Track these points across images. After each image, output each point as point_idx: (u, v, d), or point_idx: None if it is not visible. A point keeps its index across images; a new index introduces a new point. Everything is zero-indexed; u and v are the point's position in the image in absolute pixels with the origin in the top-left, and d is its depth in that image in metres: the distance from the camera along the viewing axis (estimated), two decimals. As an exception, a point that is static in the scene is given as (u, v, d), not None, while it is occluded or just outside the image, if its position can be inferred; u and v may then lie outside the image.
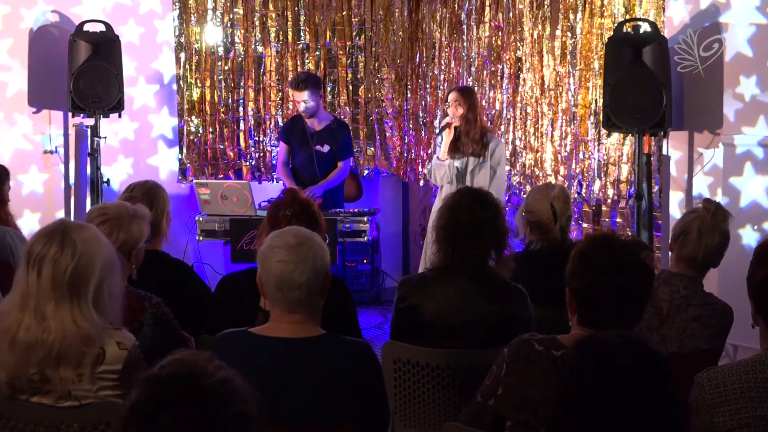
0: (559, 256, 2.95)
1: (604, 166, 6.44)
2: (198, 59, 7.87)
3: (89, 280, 2.60)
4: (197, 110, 7.90)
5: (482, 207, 3.56)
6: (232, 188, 6.59)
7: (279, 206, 3.67)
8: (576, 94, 6.61)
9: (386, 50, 7.97)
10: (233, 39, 7.92)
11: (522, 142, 7.07)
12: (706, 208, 3.62)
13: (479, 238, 3.50)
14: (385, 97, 8.01)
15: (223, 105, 7.93)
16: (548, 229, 4.21)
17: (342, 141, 6.90)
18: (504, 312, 3.47)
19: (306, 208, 3.65)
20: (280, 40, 7.95)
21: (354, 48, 8.00)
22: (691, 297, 3.55)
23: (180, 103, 7.85)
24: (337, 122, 7.03)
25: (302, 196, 3.74)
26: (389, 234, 8.16)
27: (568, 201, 4.29)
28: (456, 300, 3.48)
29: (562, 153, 6.73)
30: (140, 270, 3.42)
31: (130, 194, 4.01)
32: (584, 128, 6.57)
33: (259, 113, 7.97)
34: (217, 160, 7.96)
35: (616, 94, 5.83)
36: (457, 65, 7.59)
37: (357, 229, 6.68)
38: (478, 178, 6.11)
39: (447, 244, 3.54)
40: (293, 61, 7.95)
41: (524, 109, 7.03)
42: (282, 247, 2.70)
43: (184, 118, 7.86)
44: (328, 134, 6.88)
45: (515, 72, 7.10)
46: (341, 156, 6.89)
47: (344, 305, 3.53)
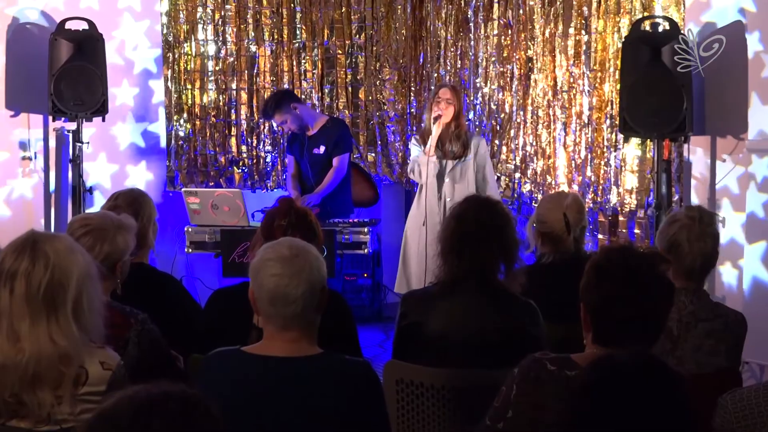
0: (573, 269, 2.94)
1: (621, 173, 6.45)
2: (187, 59, 7.89)
3: (66, 293, 2.59)
4: (186, 114, 7.91)
5: (490, 216, 3.56)
6: (223, 197, 6.59)
7: (273, 216, 3.67)
8: (590, 96, 6.61)
9: (388, 50, 7.99)
10: (225, 38, 7.93)
11: (533, 148, 7.08)
12: (690, 216, 3.61)
13: (487, 250, 3.50)
14: (386, 99, 8.02)
15: (214, 108, 7.95)
16: (561, 240, 4.21)
17: (336, 137, 6.90)
18: (514, 329, 3.46)
19: (302, 218, 3.66)
20: (275, 39, 7.96)
21: (354, 47, 8.01)
22: (699, 311, 3.54)
23: (168, 106, 7.86)
24: (332, 120, 7.06)
25: (298, 205, 3.75)
26: (391, 246, 8.15)
27: (582, 211, 4.30)
28: (462, 316, 3.47)
29: (576, 159, 6.74)
30: (125, 284, 3.42)
31: (115, 203, 4.02)
32: (599, 133, 6.58)
33: (253, 117, 7.98)
34: (207, 166, 7.96)
35: (634, 96, 5.84)
36: (463, 65, 7.60)
37: (357, 241, 6.68)
38: (462, 179, 6.15)
39: (452, 256, 3.54)
40: (289, 61, 7.96)
41: (535, 112, 7.04)
42: (275, 259, 2.70)
43: (172, 122, 7.87)
44: (322, 135, 6.91)
45: (525, 73, 7.11)
46: (335, 152, 6.89)
47: (343, 322, 3.53)
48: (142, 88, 7.64)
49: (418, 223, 6.29)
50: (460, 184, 6.20)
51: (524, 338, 3.45)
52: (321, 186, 6.84)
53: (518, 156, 7.16)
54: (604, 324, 2.57)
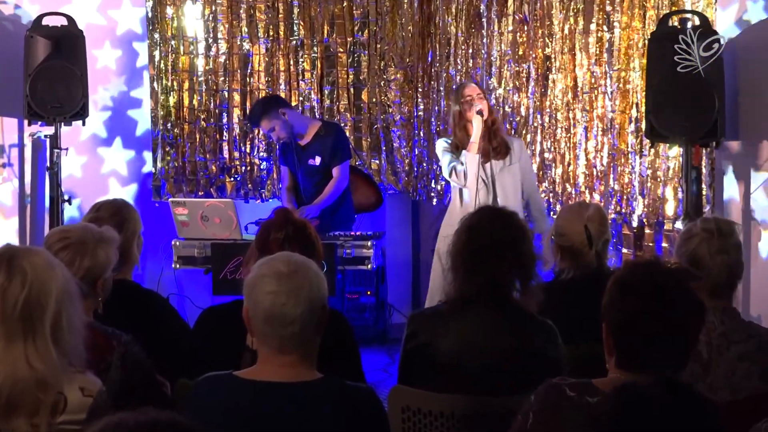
0: (595, 286, 2.94)
1: (647, 181, 6.45)
2: (175, 58, 7.91)
3: (44, 313, 2.59)
4: (174, 117, 7.93)
5: (505, 228, 3.57)
6: (214, 208, 6.60)
7: (269, 228, 3.68)
8: (614, 98, 6.62)
9: (393, 47, 8.00)
10: (216, 34, 7.95)
11: (551, 154, 7.09)
12: (707, 229, 3.60)
13: (501, 265, 3.51)
14: (392, 101, 8.03)
15: (204, 111, 7.96)
16: (582, 255, 4.22)
17: (332, 145, 6.91)
18: (530, 351, 3.46)
19: (300, 231, 3.67)
20: (270, 36, 7.98)
21: (356, 45, 8.02)
22: (731, 332, 3.54)
23: (154, 109, 7.88)
24: (324, 126, 7.05)
25: (296, 217, 3.76)
26: (397, 261, 8.16)
27: (604, 222, 4.30)
28: (474, 337, 3.48)
29: (598, 167, 6.74)
30: (107, 303, 3.43)
31: (96, 215, 4.03)
32: (624, 138, 6.58)
33: (246, 121, 7.99)
34: (196, 174, 7.98)
35: (661, 98, 5.85)
36: (475, 65, 7.61)
37: (359, 256, 6.68)
38: (506, 185, 6.12)
39: (464, 272, 3.54)
40: (285, 60, 7.98)
41: (554, 115, 7.04)
42: (272, 275, 2.71)
43: (158, 126, 7.89)
44: (316, 144, 6.91)
45: (543, 73, 7.12)
46: (334, 161, 6.90)
47: (345, 344, 3.53)
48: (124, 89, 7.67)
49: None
50: (509, 191, 6.15)
51: (541, 361, 3.45)
52: (320, 197, 6.85)
53: (535, 163, 7.16)
54: (629, 346, 2.58)
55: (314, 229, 3.76)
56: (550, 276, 4.42)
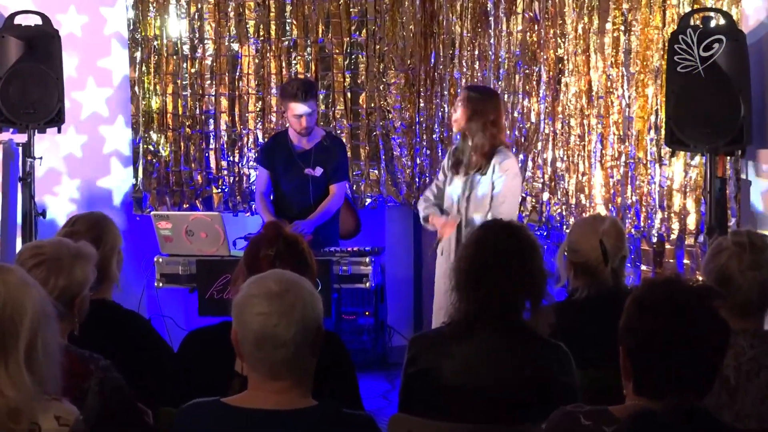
0: (611, 306, 2.95)
1: (667, 193, 6.45)
2: (158, 59, 7.92)
3: (18, 335, 2.59)
4: (156, 123, 7.94)
5: (513, 243, 3.57)
6: (199, 222, 6.60)
7: (259, 244, 3.68)
8: (631, 103, 6.62)
9: (393, 48, 8.01)
10: (202, 34, 7.96)
11: (564, 164, 7.09)
12: (738, 243, 3.60)
13: (509, 284, 3.51)
14: (392, 107, 8.04)
15: (189, 117, 7.97)
16: (597, 272, 4.22)
17: (337, 161, 6.94)
18: (541, 376, 3.47)
19: (293, 247, 3.67)
20: (261, 36, 7.99)
21: (353, 46, 8.04)
22: (762, 356, 3.53)
23: (135, 115, 7.89)
24: (330, 138, 7.08)
25: (288, 232, 3.76)
26: (397, 279, 8.16)
27: (621, 237, 4.30)
28: (481, 361, 3.48)
29: (615, 177, 6.75)
30: (84, 324, 3.43)
31: (72, 229, 4.03)
32: (642, 146, 6.59)
33: (234, 128, 8.01)
34: (181, 186, 7.98)
35: (682, 102, 5.85)
36: (482, 67, 7.62)
37: (357, 273, 6.68)
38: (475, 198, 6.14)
39: (468, 291, 3.54)
40: (277, 62, 7.99)
41: (566, 121, 7.05)
42: (262, 295, 2.71)
43: (140, 134, 7.90)
44: (320, 153, 6.92)
45: (555, 75, 7.13)
46: (335, 178, 6.93)
47: (341, 368, 3.53)
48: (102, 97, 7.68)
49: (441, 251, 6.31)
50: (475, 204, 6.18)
51: (553, 387, 3.45)
52: (316, 213, 6.86)
53: (546, 173, 7.16)
54: (648, 370, 2.58)
55: (307, 245, 3.77)
56: (562, 295, 4.42)
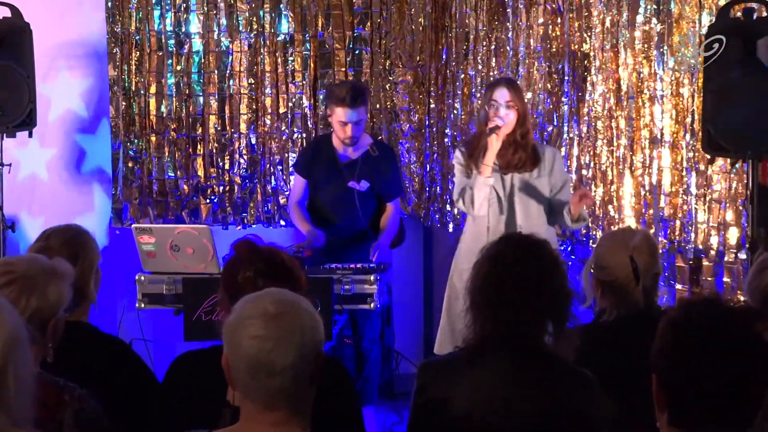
0: (642, 329, 2.96)
1: (705, 204, 6.45)
2: (139, 56, 7.93)
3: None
4: (138, 127, 7.95)
5: (534, 259, 3.58)
6: (186, 236, 6.60)
7: (235, 268, 3.68)
8: (665, 103, 6.63)
9: (401, 44, 8.03)
10: (188, 28, 7.98)
11: (590, 171, 7.09)
12: None
13: (530, 304, 3.51)
14: (399, 108, 8.06)
15: (175, 120, 7.98)
16: (627, 292, 4.22)
17: (390, 174, 7.00)
18: (565, 407, 3.47)
19: (273, 261, 3.67)
20: (254, 30, 8.01)
21: (356, 41, 8.05)
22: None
23: (114, 117, 7.91)
24: (379, 146, 7.05)
25: (262, 247, 3.76)
26: (406, 299, 8.16)
27: (654, 253, 4.31)
28: (497, 390, 3.48)
29: (647, 185, 6.75)
30: (58, 349, 3.43)
31: (45, 244, 4.04)
32: (677, 152, 6.59)
33: (225, 131, 8.02)
34: (165, 195, 7.99)
35: (721, 104, 5.86)
36: (499, 64, 7.63)
37: (360, 293, 6.66)
38: (529, 203, 6.17)
39: (485, 313, 3.54)
40: (272, 58, 8.01)
41: (593, 124, 7.05)
42: (257, 317, 2.71)
43: (119, 138, 7.91)
44: (367, 165, 6.92)
45: (581, 73, 7.14)
46: (390, 194, 7.02)
47: (343, 398, 3.54)
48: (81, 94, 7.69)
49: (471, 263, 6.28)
50: (537, 208, 6.22)
51: (578, 419, 3.46)
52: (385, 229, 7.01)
53: (571, 181, 7.17)
54: (683, 400, 2.58)
55: (287, 255, 3.77)
56: (588, 317, 4.42)
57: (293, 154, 8.01)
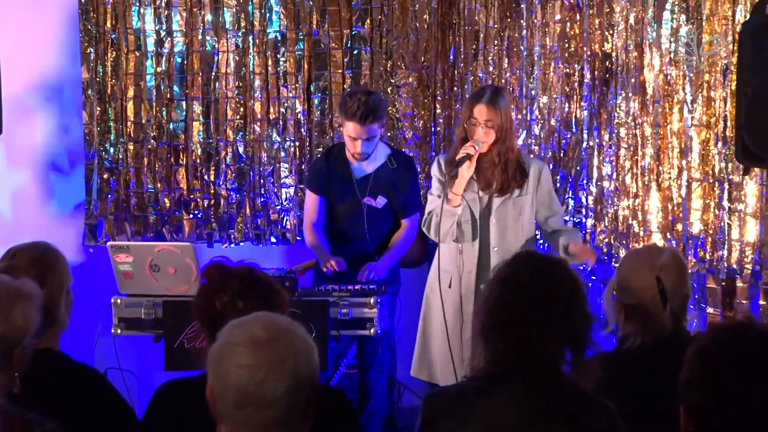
0: (670, 356, 2.96)
1: (740, 219, 6.46)
2: (116, 57, 7.94)
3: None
4: (114, 134, 7.95)
5: (551, 281, 3.57)
6: (167, 254, 6.60)
7: (209, 294, 3.68)
8: (695, 108, 6.64)
9: (404, 43, 8.03)
10: (170, 26, 7.99)
11: (613, 183, 7.09)
12: None
13: (546, 330, 3.51)
14: (402, 114, 8.06)
15: (155, 126, 7.98)
16: (653, 316, 4.22)
17: (408, 189, 6.97)
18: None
19: (247, 280, 3.68)
20: (242, 28, 8.01)
21: (355, 39, 8.06)
22: None
23: (88, 124, 7.90)
24: (397, 157, 7.00)
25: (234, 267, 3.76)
26: (409, 324, 8.14)
27: (682, 273, 4.31)
28: (510, 423, 3.48)
29: (675, 199, 6.75)
30: (25, 379, 3.43)
31: (11, 263, 4.04)
32: (708, 161, 6.60)
33: (210, 139, 8.02)
34: (144, 210, 7.99)
35: (756, 108, 5.86)
36: (511, 65, 7.63)
37: (360, 317, 6.63)
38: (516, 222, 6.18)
39: (496, 339, 3.54)
40: (261, 59, 8.01)
41: (616, 131, 7.06)
42: (246, 343, 2.71)
43: (93, 147, 7.91)
44: (384, 179, 6.89)
45: (602, 76, 7.14)
46: (407, 210, 7.00)
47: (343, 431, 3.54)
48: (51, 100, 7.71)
49: (444, 282, 6.30)
50: (513, 230, 6.22)
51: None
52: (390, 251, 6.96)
53: (591, 195, 7.17)
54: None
55: (262, 272, 3.77)
56: (610, 343, 4.42)
57: (285, 165, 8.02)
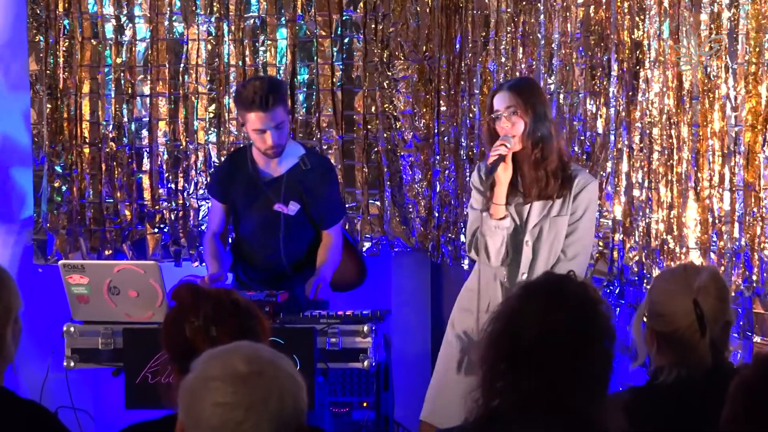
0: (709, 392, 2.99)
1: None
2: (69, 46, 7.96)
3: None
4: (68, 135, 7.97)
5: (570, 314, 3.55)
6: (128, 275, 6.62)
7: (178, 318, 3.70)
8: (739, 106, 6.66)
9: (403, 30, 8.06)
10: (132, 11, 8.01)
11: (643, 192, 7.11)
12: None
13: (565, 363, 3.50)
14: (400, 112, 8.07)
15: (114, 127, 8.00)
16: (690, 345, 4.23)
17: (326, 194, 6.96)
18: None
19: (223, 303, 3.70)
20: (215, 13, 8.03)
21: (345, 26, 8.08)
22: None
23: (37, 124, 7.92)
24: (313, 157, 7.02)
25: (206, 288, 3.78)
26: (408, 355, 8.16)
27: (724, 296, 4.31)
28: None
29: (715, 210, 6.77)
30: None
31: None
32: (754, 166, 6.62)
33: (178, 141, 8.04)
34: (102, 224, 8.01)
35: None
36: (527, 55, 7.65)
37: (351, 347, 6.65)
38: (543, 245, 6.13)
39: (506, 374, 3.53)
40: (237, 49, 8.03)
41: (647, 132, 7.07)
42: (224, 378, 2.72)
43: (43, 150, 7.93)
44: (297, 181, 6.89)
45: (631, 67, 7.16)
46: (326, 219, 6.98)
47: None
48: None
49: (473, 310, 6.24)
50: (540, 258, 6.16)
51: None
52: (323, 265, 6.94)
53: (619, 204, 7.19)
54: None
55: (240, 296, 3.79)
56: (641, 377, 4.44)
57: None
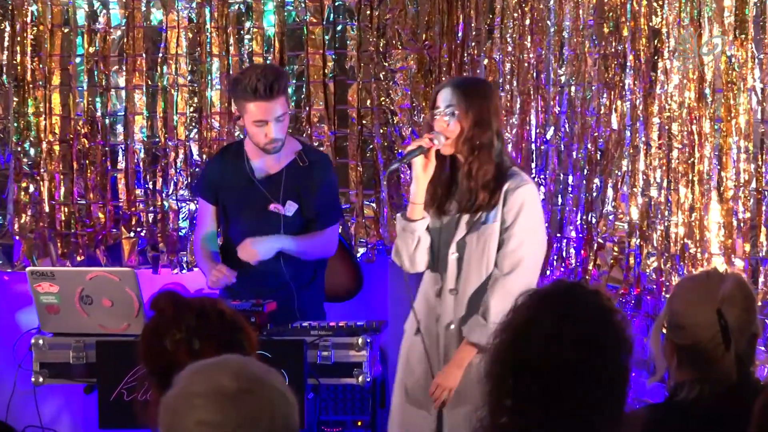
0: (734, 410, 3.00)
1: (822, 237, 6.50)
2: (38, 34, 7.97)
3: None
4: (36, 131, 7.97)
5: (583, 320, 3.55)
6: (102, 283, 6.62)
7: (158, 331, 3.71)
8: (765, 98, 6.67)
9: (400, 17, 8.07)
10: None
11: (662, 193, 7.11)
12: None
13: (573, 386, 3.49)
14: (398, 105, 8.09)
15: (87, 122, 8.00)
16: (713, 359, 4.24)
17: (322, 191, 6.98)
18: None
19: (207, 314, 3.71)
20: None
21: (338, 11, 8.09)
22: None
23: (2, 119, 7.91)
24: (308, 153, 7.02)
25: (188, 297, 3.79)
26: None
27: (750, 306, 4.32)
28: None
29: (740, 213, 6.78)
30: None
31: None
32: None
33: (156, 138, 8.04)
34: (73, 227, 8.01)
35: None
36: (534, 44, 7.66)
37: (344, 361, 6.65)
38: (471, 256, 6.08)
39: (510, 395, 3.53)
40: (221, 37, 8.04)
41: (666, 127, 7.08)
42: (210, 395, 2.72)
43: (9, 147, 7.93)
44: (294, 180, 6.90)
45: (649, 58, 7.17)
46: (321, 219, 6.98)
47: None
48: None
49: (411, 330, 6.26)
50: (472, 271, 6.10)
51: None
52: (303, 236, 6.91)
53: (635, 206, 7.20)
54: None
55: (226, 305, 3.80)
56: (660, 393, 4.46)
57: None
